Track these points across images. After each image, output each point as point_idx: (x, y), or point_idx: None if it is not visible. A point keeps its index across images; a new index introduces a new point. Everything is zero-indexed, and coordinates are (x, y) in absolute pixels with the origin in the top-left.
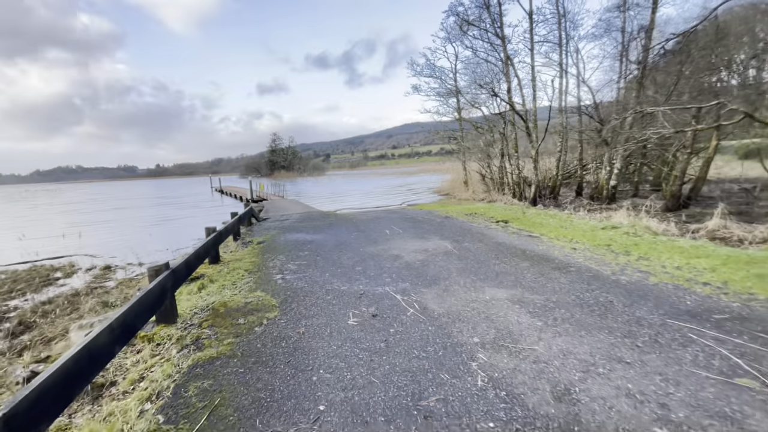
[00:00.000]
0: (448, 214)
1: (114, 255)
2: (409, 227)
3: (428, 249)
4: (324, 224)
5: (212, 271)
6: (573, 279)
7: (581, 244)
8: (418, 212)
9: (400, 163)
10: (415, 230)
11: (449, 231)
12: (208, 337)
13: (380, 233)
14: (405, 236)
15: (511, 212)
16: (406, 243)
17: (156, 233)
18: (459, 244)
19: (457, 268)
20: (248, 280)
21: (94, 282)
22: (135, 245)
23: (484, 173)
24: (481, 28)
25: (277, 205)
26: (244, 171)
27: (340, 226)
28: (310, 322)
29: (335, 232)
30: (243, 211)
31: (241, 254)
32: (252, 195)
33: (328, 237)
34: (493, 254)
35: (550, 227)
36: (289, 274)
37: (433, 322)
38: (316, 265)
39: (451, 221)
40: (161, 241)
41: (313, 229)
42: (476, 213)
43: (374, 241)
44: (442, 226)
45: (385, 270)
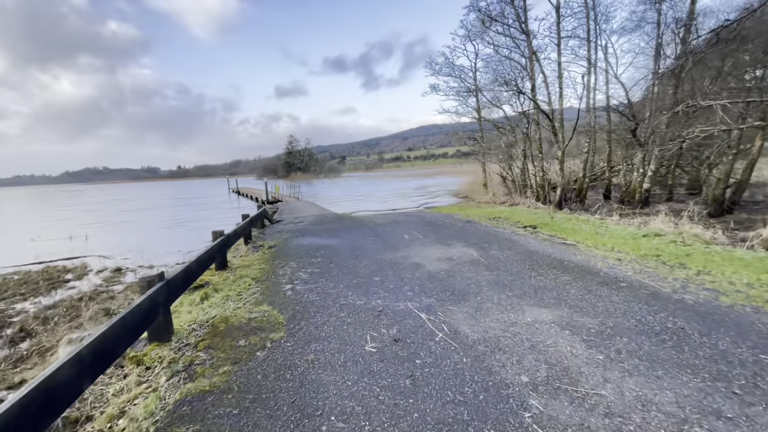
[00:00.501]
0: (470, 217)
1: (127, 257)
2: (429, 232)
3: (452, 257)
4: (339, 227)
5: (218, 278)
6: (627, 297)
7: (625, 254)
8: (437, 215)
9: (416, 165)
10: (435, 235)
11: (473, 237)
12: (202, 363)
13: (398, 238)
14: (425, 242)
15: (538, 216)
16: (427, 250)
17: (170, 235)
18: (486, 252)
19: (487, 280)
20: (255, 290)
21: (102, 285)
22: (149, 247)
23: (505, 175)
24: (505, 23)
25: (292, 206)
26: (261, 172)
27: (355, 230)
28: (321, 347)
29: (350, 237)
30: (254, 213)
31: (250, 259)
32: (267, 196)
33: (343, 242)
34: (527, 265)
35: (584, 234)
36: (299, 284)
37: (467, 351)
38: (330, 274)
39: (473, 226)
40: (175, 243)
41: (327, 232)
42: (500, 217)
43: (392, 247)
44: (465, 231)
45: (405, 281)
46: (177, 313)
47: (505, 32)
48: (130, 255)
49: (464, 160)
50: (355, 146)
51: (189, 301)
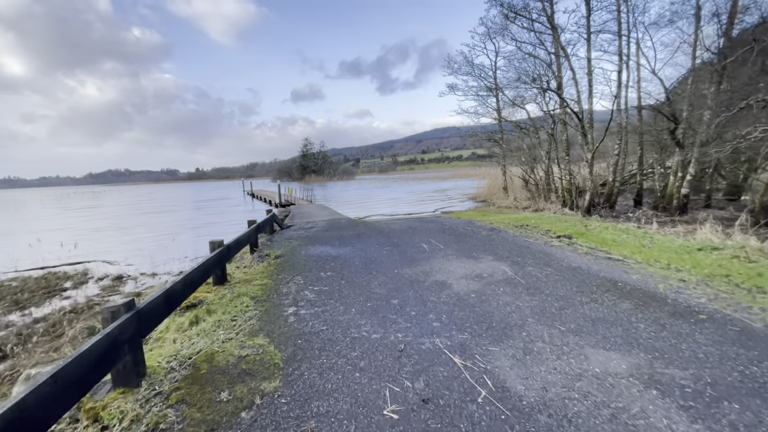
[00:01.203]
0: (494, 224)
1: (131, 262)
2: (451, 241)
3: (482, 274)
4: (352, 234)
5: (214, 296)
6: (715, 336)
7: (686, 272)
8: (456, 222)
9: (430, 167)
10: (458, 245)
11: (502, 248)
12: (170, 428)
13: (417, 248)
14: (448, 254)
15: (569, 224)
16: (450, 264)
17: (180, 239)
18: (521, 269)
19: (530, 307)
20: (252, 313)
21: (99, 296)
22: (156, 252)
23: (528, 179)
24: (529, 18)
25: (304, 210)
26: (276, 175)
27: (369, 238)
28: (326, 407)
29: (364, 246)
30: (262, 219)
31: (253, 272)
32: (280, 199)
33: (356, 252)
34: (574, 286)
35: (628, 246)
36: (304, 306)
37: (526, 425)
38: (340, 294)
39: (500, 235)
40: (182, 248)
41: (339, 240)
42: (527, 224)
43: (411, 259)
44: (491, 242)
45: (430, 306)
46: (161, 340)
47: (529, 27)
48: (135, 260)
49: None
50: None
51: (176, 326)
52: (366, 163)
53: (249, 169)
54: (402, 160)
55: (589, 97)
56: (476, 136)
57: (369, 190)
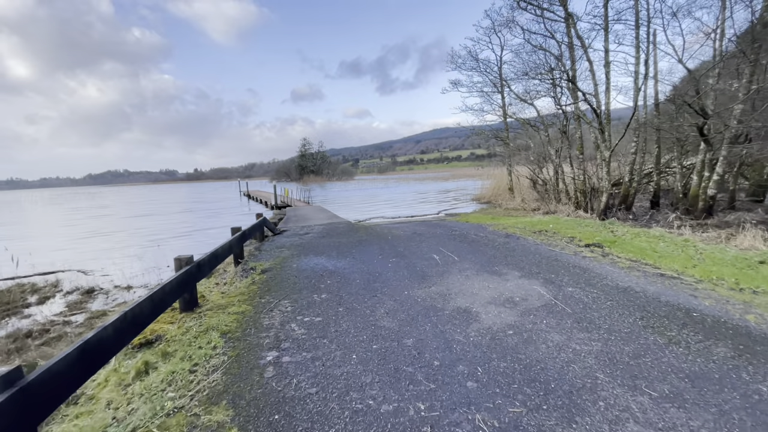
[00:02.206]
0: (508, 230)
1: (108, 272)
2: (465, 250)
3: (513, 297)
4: (351, 242)
5: (177, 329)
6: None
7: (766, 295)
8: (464, 226)
9: (429, 168)
10: (475, 256)
11: (527, 260)
12: None
13: (427, 260)
14: (465, 268)
15: (593, 230)
16: (471, 282)
17: (166, 246)
18: (559, 290)
19: (592, 353)
20: (219, 361)
21: (63, 314)
22: (136, 260)
23: (536, 179)
24: (540, 6)
25: (300, 213)
26: (274, 175)
27: (371, 246)
28: None
29: (365, 256)
30: (249, 225)
31: (233, 292)
32: (276, 201)
33: (356, 264)
34: (635, 317)
35: (674, 258)
36: (289, 350)
37: None
38: (337, 329)
39: (518, 242)
40: (166, 256)
41: (336, 249)
42: (545, 230)
43: (422, 275)
44: (512, 252)
45: (457, 350)
46: (93, 401)
47: (539, 15)
48: (113, 270)
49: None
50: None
51: (117, 379)
52: (365, 163)
53: (247, 170)
54: (401, 161)
55: (607, 91)
56: (482, 134)
57: (368, 190)
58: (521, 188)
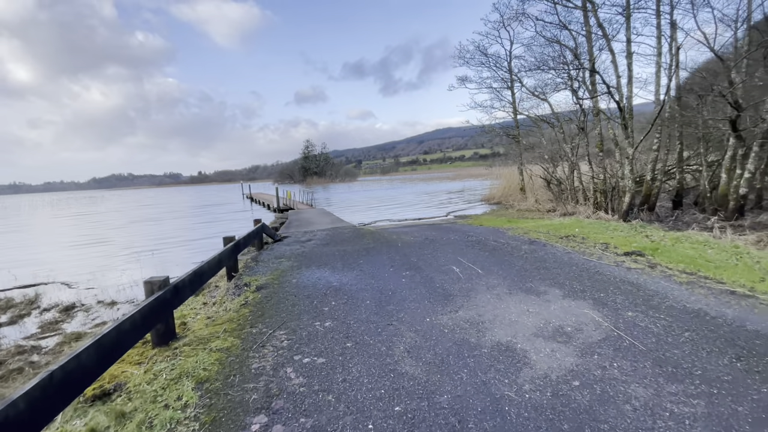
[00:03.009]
0: (530, 235)
1: (94, 284)
2: (488, 261)
3: (563, 327)
4: (358, 250)
5: (143, 373)
6: None
7: None
8: (480, 230)
9: (433, 168)
10: (501, 269)
11: (563, 274)
12: None
13: (446, 273)
14: (493, 283)
15: (624, 234)
16: (506, 304)
17: (161, 255)
18: (615, 314)
19: (701, 421)
20: (188, 429)
21: (33, 336)
22: (127, 272)
23: (550, 178)
24: None
25: (303, 216)
26: (278, 177)
27: (380, 254)
28: None
29: (375, 268)
30: (246, 232)
31: (219, 319)
32: (278, 204)
33: (365, 279)
34: (732, 357)
35: (729, 268)
36: (282, 412)
37: None
38: (346, 377)
39: (546, 250)
40: (159, 267)
41: (342, 259)
42: (571, 235)
43: (444, 294)
44: (542, 262)
45: (511, 417)
46: None
47: (551, 2)
48: (99, 282)
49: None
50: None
51: None
52: (368, 164)
53: (251, 172)
54: (404, 161)
55: (629, 84)
56: (492, 132)
57: (373, 192)
58: (534, 188)
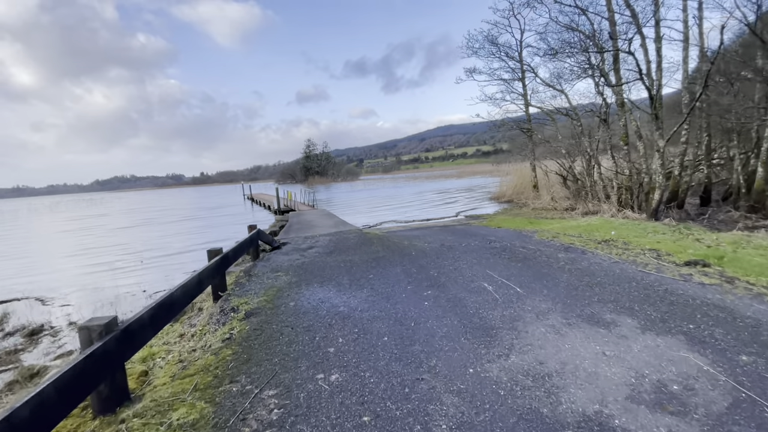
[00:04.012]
0: (560, 239)
1: (70, 301)
2: (524, 275)
3: (665, 383)
4: (366, 260)
5: None
6: None
7: None
8: (500, 233)
9: (435, 166)
10: (544, 285)
11: (625, 293)
12: None
13: (477, 293)
14: (541, 308)
15: (670, 238)
16: (570, 344)
17: (148, 265)
18: (726, 360)
19: None
20: None
21: None
22: (108, 287)
23: (566, 174)
24: None
25: (305, 218)
26: (279, 177)
27: (393, 266)
28: None
29: (389, 286)
30: (239, 241)
31: (191, 366)
32: (278, 205)
33: (378, 302)
34: None
35: None
36: None
37: None
38: None
39: (587, 260)
40: (144, 280)
41: (348, 273)
42: (608, 239)
43: (483, 325)
44: (590, 276)
45: None
46: None
47: None
48: (76, 298)
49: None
50: (372, 149)
51: None
52: (370, 163)
53: (253, 172)
54: (406, 159)
55: (658, 70)
56: (504, 126)
57: (376, 191)
58: (549, 185)
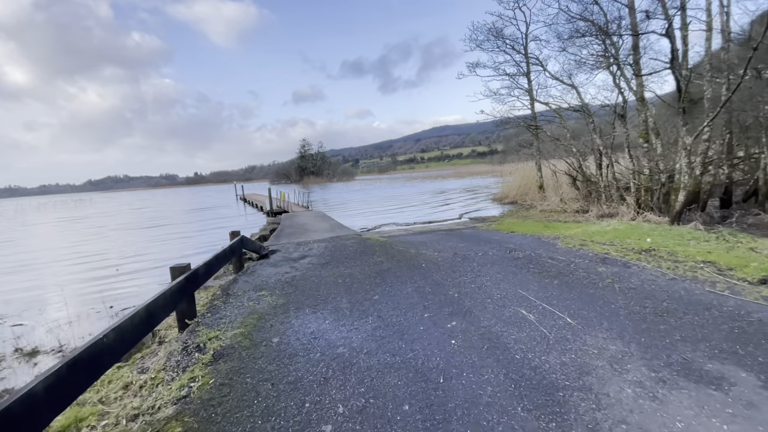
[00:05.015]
0: (589, 247)
1: (24, 319)
2: (567, 297)
3: None
4: (369, 274)
5: None
6: None
7: None
8: (516, 240)
9: (430, 166)
10: (600, 314)
11: (708, 326)
12: None
13: (517, 324)
14: (613, 353)
15: (720, 248)
16: (685, 420)
17: (122, 278)
18: None
19: None
20: None
21: None
22: (76, 302)
23: (576, 174)
24: None
25: (298, 221)
26: (274, 177)
27: (402, 284)
28: None
29: (400, 312)
30: (213, 253)
31: None
32: (271, 206)
33: (389, 338)
34: None
35: None
36: None
37: None
38: None
39: (636, 275)
40: (112, 296)
41: (348, 292)
42: (647, 248)
43: (542, 383)
44: (651, 299)
45: None
46: None
47: None
48: (31, 316)
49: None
50: (368, 149)
51: None
52: (365, 163)
53: (247, 172)
54: (401, 160)
55: (684, 59)
56: (511, 123)
57: (372, 191)
58: (557, 186)
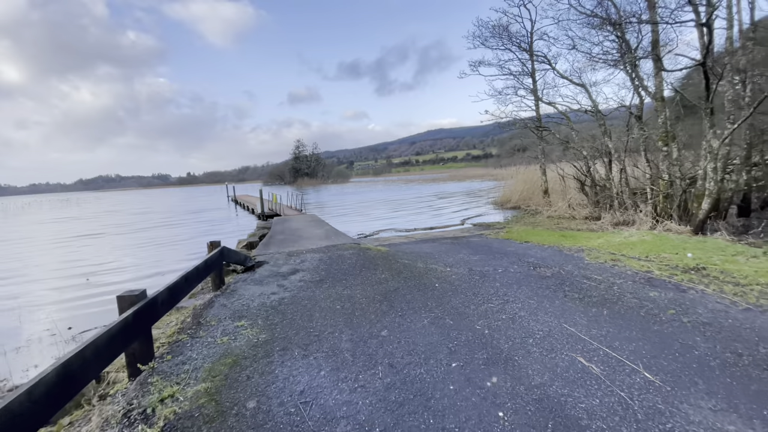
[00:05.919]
0: (623, 262)
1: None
2: (626, 335)
3: None
4: (372, 297)
5: None
6: None
7: None
8: (535, 252)
9: (425, 169)
10: (682, 365)
11: None
12: None
13: (580, 383)
14: None
15: None
16: None
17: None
18: None
19: None
20: None
21: None
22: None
23: (584, 179)
24: None
25: (290, 226)
26: (268, 178)
27: (415, 312)
28: None
29: (417, 362)
30: (177, 276)
31: None
32: (263, 209)
33: (405, 404)
34: None
35: None
36: None
37: None
38: None
39: (699, 302)
40: (79, 314)
41: (348, 324)
42: (693, 266)
43: None
44: (739, 342)
45: None
46: None
47: None
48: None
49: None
50: (363, 151)
51: None
52: (360, 165)
53: (241, 173)
54: (396, 162)
55: (708, 52)
56: (516, 125)
57: (368, 194)
58: (564, 191)
